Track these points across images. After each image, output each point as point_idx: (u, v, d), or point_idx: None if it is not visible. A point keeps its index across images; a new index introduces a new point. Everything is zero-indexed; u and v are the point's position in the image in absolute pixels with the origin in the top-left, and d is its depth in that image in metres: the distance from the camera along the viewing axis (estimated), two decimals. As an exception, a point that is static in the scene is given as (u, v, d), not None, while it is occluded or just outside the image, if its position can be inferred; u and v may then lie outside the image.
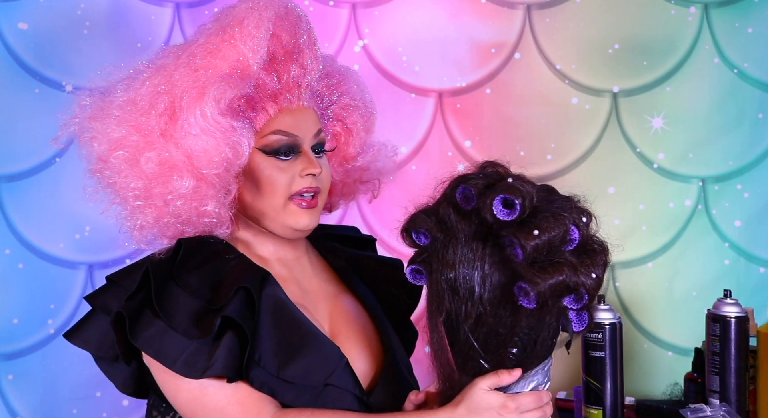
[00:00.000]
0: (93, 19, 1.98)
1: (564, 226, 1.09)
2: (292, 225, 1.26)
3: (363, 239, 1.53)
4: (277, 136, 1.26)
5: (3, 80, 1.96)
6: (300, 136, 1.27)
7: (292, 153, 1.26)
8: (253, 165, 1.25)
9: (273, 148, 1.26)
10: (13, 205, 1.98)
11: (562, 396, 1.79)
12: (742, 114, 2.10)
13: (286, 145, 1.26)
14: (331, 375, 1.21)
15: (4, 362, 1.96)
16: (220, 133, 1.19)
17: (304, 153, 1.27)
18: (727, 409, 1.48)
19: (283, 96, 1.28)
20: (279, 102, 1.27)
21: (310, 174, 1.25)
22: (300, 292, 1.29)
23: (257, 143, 1.25)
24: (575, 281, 1.08)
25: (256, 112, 1.26)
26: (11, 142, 1.97)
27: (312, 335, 1.23)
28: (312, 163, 1.26)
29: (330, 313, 1.31)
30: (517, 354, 1.12)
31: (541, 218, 1.08)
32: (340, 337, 1.29)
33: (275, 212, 1.26)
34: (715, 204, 2.11)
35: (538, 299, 1.06)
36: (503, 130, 2.07)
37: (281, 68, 1.28)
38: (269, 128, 1.26)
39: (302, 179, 1.25)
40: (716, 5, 2.08)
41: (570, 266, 1.08)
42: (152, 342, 1.16)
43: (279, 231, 1.28)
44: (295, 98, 1.29)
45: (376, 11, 2.05)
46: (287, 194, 1.25)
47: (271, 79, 1.27)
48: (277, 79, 1.28)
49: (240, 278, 1.20)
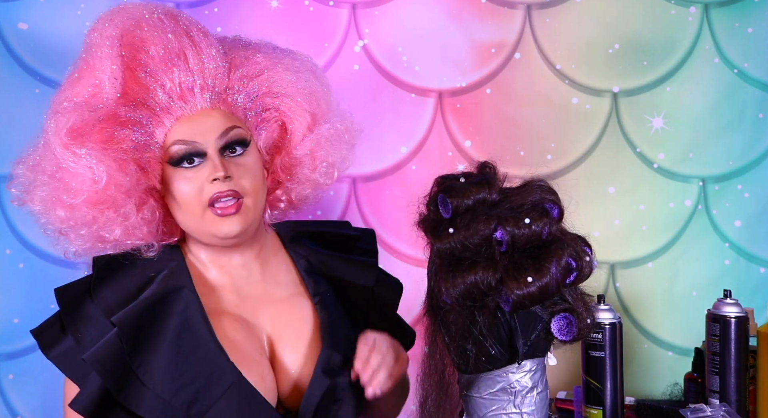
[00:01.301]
0: (93, 19, 1.96)
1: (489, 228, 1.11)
2: (214, 233, 1.25)
3: (350, 235, 1.49)
4: (176, 146, 1.25)
5: (3, 80, 1.96)
6: (200, 141, 1.24)
7: (198, 158, 1.25)
8: (166, 179, 1.26)
9: (176, 158, 1.25)
10: (13, 205, 1.97)
11: (562, 396, 1.79)
12: (742, 114, 2.10)
13: (187, 154, 1.24)
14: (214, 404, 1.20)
15: (4, 362, 1.96)
16: (72, 163, 1.19)
17: (209, 157, 1.24)
18: (727, 409, 1.48)
19: (175, 105, 1.26)
20: (173, 112, 1.26)
21: (216, 179, 1.23)
22: (237, 299, 1.30)
23: (164, 157, 1.25)
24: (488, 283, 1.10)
25: (154, 128, 1.25)
26: (11, 142, 1.96)
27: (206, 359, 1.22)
28: (215, 167, 1.23)
29: (273, 317, 1.31)
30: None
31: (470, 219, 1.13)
32: (280, 342, 1.29)
33: (196, 223, 1.26)
34: (715, 204, 2.11)
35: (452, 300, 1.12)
36: (503, 130, 2.07)
37: (162, 77, 1.25)
38: (170, 140, 1.25)
39: (211, 185, 1.23)
40: (716, 5, 2.08)
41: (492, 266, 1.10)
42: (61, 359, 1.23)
43: (206, 240, 1.28)
44: (189, 105, 1.26)
45: (376, 11, 2.05)
46: (201, 204, 1.24)
47: (155, 91, 1.25)
48: (162, 90, 1.25)
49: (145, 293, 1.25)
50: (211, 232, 1.25)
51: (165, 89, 1.25)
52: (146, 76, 1.24)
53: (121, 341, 1.20)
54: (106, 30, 1.24)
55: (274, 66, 1.33)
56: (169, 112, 1.25)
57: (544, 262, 1.10)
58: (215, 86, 1.28)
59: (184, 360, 1.20)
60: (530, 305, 1.12)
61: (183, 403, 1.18)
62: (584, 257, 1.13)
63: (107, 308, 1.24)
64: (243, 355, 1.25)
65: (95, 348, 1.20)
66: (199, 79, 1.26)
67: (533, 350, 1.17)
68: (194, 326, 1.23)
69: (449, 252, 1.13)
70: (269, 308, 1.32)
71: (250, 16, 1.99)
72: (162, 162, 1.25)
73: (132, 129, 1.23)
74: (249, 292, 1.32)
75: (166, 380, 1.19)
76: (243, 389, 1.21)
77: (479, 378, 1.19)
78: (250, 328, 1.29)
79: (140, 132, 1.24)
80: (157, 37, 1.24)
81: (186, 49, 1.25)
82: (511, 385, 1.17)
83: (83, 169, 1.19)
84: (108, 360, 1.19)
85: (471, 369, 1.17)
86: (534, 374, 1.18)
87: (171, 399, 1.18)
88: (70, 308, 1.26)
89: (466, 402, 1.22)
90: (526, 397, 1.17)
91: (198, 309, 1.25)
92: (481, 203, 1.15)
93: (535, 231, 1.11)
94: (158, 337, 1.21)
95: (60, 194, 1.21)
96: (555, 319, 1.15)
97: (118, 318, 1.21)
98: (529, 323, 1.15)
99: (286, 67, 1.34)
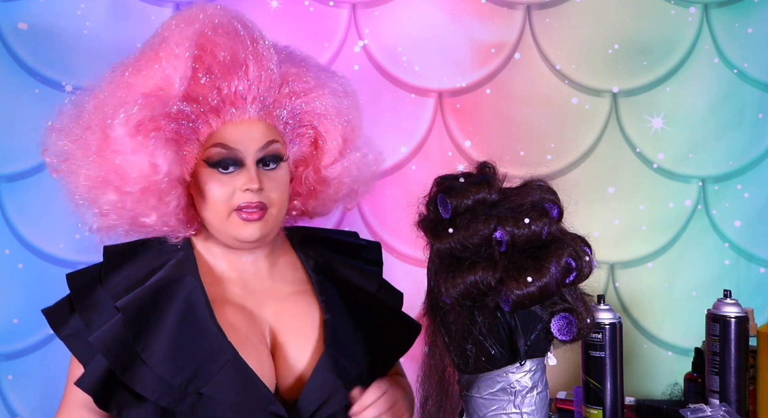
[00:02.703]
0: (93, 19, 1.98)
1: (489, 228, 1.11)
2: (234, 235, 1.29)
3: (357, 244, 1.53)
4: (217, 149, 1.28)
5: (3, 80, 1.96)
6: (241, 150, 1.28)
7: (233, 166, 1.28)
8: (199, 176, 1.29)
9: (213, 160, 1.28)
10: (13, 205, 1.98)
11: (562, 396, 1.79)
12: (742, 114, 2.10)
13: (226, 159, 1.28)
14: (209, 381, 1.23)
15: (4, 362, 1.96)
16: (133, 153, 1.22)
17: (247, 168, 1.28)
18: (727, 409, 1.48)
19: (225, 109, 1.29)
20: (222, 115, 1.29)
21: (249, 189, 1.26)
22: (243, 292, 1.34)
23: (202, 155, 1.29)
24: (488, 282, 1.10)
25: (200, 125, 1.28)
26: (11, 142, 1.97)
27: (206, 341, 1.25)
28: (251, 179, 1.27)
29: (277, 312, 1.34)
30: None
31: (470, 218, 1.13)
32: (282, 335, 1.32)
33: (219, 222, 1.29)
34: (715, 204, 2.11)
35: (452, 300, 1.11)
36: (503, 130, 2.07)
37: (221, 82, 1.28)
38: (212, 141, 1.28)
39: (242, 194, 1.27)
40: (716, 5, 2.08)
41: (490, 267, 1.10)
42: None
43: (224, 240, 1.32)
44: (239, 112, 1.29)
45: (376, 11, 2.05)
46: (228, 208, 1.28)
47: (210, 92, 1.28)
48: (217, 93, 1.28)
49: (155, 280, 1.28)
50: (231, 234, 1.29)
51: (221, 93, 1.28)
52: (207, 77, 1.28)
53: (125, 325, 1.23)
54: (185, 30, 1.26)
55: (321, 88, 1.38)
56: (217, 115, 1.29)
57: (544, 262, 1.10)
58: (266, 99, 1.32)
59: (186, 343, 1.24)
60: (530, 305, 1.12)
61: (182, 382, 1.22)
62: (584, 257, 1.13)
63: (116, 294, 1.28)
64: (242, 339, 1.28)
65: (100, 331, 1.24)
66: (254, 90, 1.30)
67: (533, 350, 1.17)
68: (197, 311, 1.27)
69: (449, 252, 1.13)
70: (274, 302, 1.35)
71: (250, 16, 1.99)
72: (198, 158, 1.29)
73: (178, 122, 1.27)
74: (255, 286, 1.35)
75: (168, 362, 1.22)
76: (239, 367, 1.24)
77: (479, 378, 1.19)
78: (253, 318, 1.32)
79: (186, 126, 1.27)
80: (228, 44, 1.28)
81: (249, 59, 1.29)
82: (511, 385, 1.17)
83: (142, 159, 1.22)
84: (112, 343, 1.22)
85: (471, 369, 1.17)
86: (534, 374, 1.18)
87: (171, 379, 1.21)
88: (80, 293, 1.30)
89: (466, 402, 1.22)
90: (526, 397, 1.17)
91: (201, 295, 1.28)
92: (481, 203, 1.15)
93: (534, 231, 1.11)
94: (161, 321, 1.25)
95: (112, 176, 1.24)
96: (555, 319, 1.14)
97: (123, 303, 1.25)
98: (529, 323, 1.15)
99: (332, 91, 1.39)
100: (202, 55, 1.28)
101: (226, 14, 1.30)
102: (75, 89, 1.95)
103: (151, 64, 1.26)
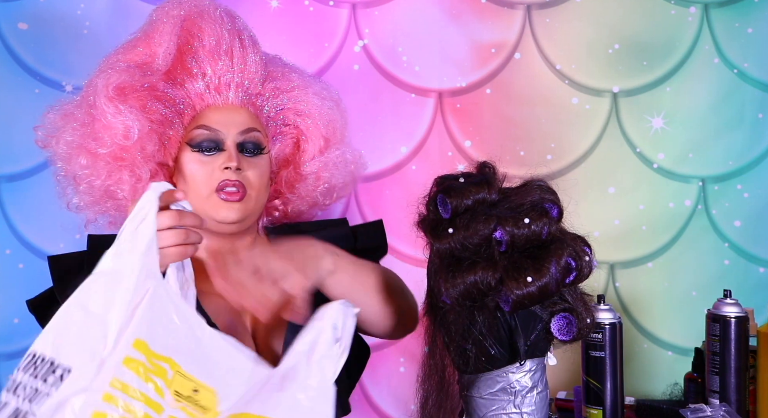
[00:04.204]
0: (93, 19, 1.98)
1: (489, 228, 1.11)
2: (213, 216, 1.31)
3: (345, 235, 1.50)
4: (199, 130, 1.34)
5: (3, 80, 1.96)
6: (223, 131, 1.34)
7: (215, 149, 1.33)
8: (181, 159, 1.35)
9: (196, 141, 1.34)
10: (13, 205, 1.98)
11: (562, 396, 1.79)
12: (742, 114, 2.10)
13: (208, 140, 1.33)
14: None
15: (4, 362, 1.96)
16: (111, 116, 1.27)
17: (227, 149, 1.33)
18: (727, 409, 1.48)
19: (209, 93, 1.36)
20: (205, 99, 1.36)
21: (227, 168, 1.31)
22: (223, 284, 1.34)
23: (184, 138, 1.34)
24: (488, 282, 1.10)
25: (184, 108, 1.35)
26: (11, 142, 1.97)
27: None
28: (230, 157, 1.31)
29: (259, 302, 1.34)
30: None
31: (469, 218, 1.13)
32: (263, 325, 1.33)
33: (199, 204, 1.31)
34: (715, 204, 2.11)
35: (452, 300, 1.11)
36: (503, 130, 2.07)
37: (204, 66, 1.35)
38: (194, 123, 1.35)
39: (221, 172, 1.31)
40: (716, 5, 2.08)
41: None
42: None
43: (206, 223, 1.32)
44: (222, 96, 1.36)
45: (376, 11, 2.05)
46: (209, 188, 1.32)
47: (194, 77, 1.35)
48: (202, 77, 1.35)
49: None
50: (211, 215, 1.31)
51: (205, 77, 1.35)
52: (192, 60, 1.35)
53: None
54: (173, 10, 1.34)
55: (304, 87, 1.44)
56: (201, 98, 1.36)
57: (544, 262, 1.10)
58: (249, 88, 1.38)
59: None
60: (530, 304, 1.12)
61: None
62: (584, 257, 1.13)
63: None
64: (224, 324, 1.28)
65: None
66: (237, 76, 1.37)
67: (533, 350, 1.17)
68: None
69: (449, 252, 1.13)
70: (255, 293, 1.34)
71: (250, 16, 1.96)
72: (181, 142, 1.35)
73: (164, 104, 1.33)
74: (236, 277, 1.36)
75: None
76: None
77: (479, 378, 1.19)
78: (233, 308, 1.33)
79: (170, 109, 1.34)
80: (214, 30, 1.35)
81: (234, 47, 1.36)
82: (511, 385, 1.17)
83: (119, 123, 1.28)
84: None
85: (471, 369, 1.17)
86: (534, 373, 1.18)
87: None
88: (62, 279, 1.30)
89: (466, 402, 1.22)
90: (526, 397, 1.17)
91: None
92: (481, 203, 1.15)
93: (534, 231, 1.11)
94: None
95: (87, 142, 1.30)
96: (555, 319, 1.14)
97: None
98: (529, 323, 1.15)
99: (315, 92, 1.45)
100: (190, 39, 1.34)
101: (213, 3, 1.37)
102: (75, 89, 1.96)
103: (138, 42, 1.34)
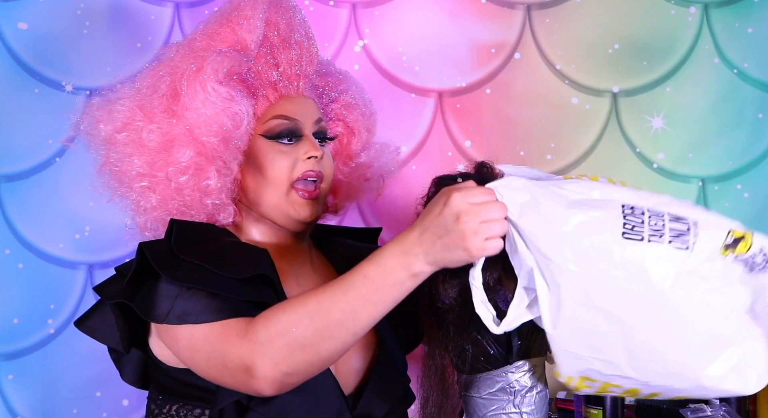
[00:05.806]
0: (93, 19, 1.98)
1: None
2: (293, 215, 1.27)
3: (370, 231, 1.54)
4: (278, 120, 1.28)
5: (3, 80, 1.96)
6: (301, 120, 1.29)
7: (294, 137, 1.28)
8: (256, 150, 1.28)
9: (275, 132, 1.28)
10: (13, 205, 1.98)
11: (562, 396, 1.79)
12: (742, 114, 2.10)
13: (288, 130, 1.28)
14: None
15: (4, 362, 1.96)
16: (219, 103, 1.22)
17: (306, 137, 1.29)
18: (727, 409, 1.48)
19: (282, 83, 1.31)
20: (278, 89, 1.31)
21: (313, 156, 1.26)
22: (297, 287, 1.27)
23: (259, 129, 1.28)
24: None
25: (257, 99, 1.29)
26: (11, 142, 1.97)
27: None
28: (314, 147, 1.28)
29: None
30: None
31: None
32: None
33: (277, 200, 1.27)
34: (715, 204, 2.11)
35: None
36: (503, 130, 2.07)
37: (279, 56, 1.31)
38: (270, 114, 1.29)
39: (304, 163, 1.27)
40: (716, 5, 2.08)
41: None
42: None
43: (280, 220, 1.28)
44: (294, 87, 1.32)
45: (376, 11, 2.05)
46: (290, 179, 1.26)
47: (270, 66, 1.30)
48: (275, 67, 1.31)
49: (246, 257, 1.20)
50: (289, 213, 1.27)
51: (279, 67, 1.31)
52: (267, 50, 1.31)
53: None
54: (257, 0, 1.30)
55: (347, 81, 1.45)
56: (275, 88, 1.31)
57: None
58: (314, 79, 1.38)
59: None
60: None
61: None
62: None
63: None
64: None
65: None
66: (306, 67, 1.34)
67: (530, 350, 1.17)
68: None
69: None
70: None
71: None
72: (253, 135, 1.28)
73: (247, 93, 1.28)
74: (306, 282, 1.30)
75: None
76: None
77: (478, 378, 1.19)
78: None
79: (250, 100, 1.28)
80: (288, 20, 1.33)
81: (303, 39, 1.34)
82: (510, 385, 1.17)
83: (229, 109, 1.23)
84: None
85: (470, 369, 1.17)
86: (533, 373, 1.18)
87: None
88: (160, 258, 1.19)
89: (466, 402, 1.22)
90: (525, 396, 1.17)
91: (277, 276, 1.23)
92: None
93: None
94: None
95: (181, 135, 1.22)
96: None
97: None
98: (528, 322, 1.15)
99: (359, 89, 1.46)
100: (267, 31, 1.31)
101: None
102: (75, 89, 1.96)
103: (223, 28, 1.29)
